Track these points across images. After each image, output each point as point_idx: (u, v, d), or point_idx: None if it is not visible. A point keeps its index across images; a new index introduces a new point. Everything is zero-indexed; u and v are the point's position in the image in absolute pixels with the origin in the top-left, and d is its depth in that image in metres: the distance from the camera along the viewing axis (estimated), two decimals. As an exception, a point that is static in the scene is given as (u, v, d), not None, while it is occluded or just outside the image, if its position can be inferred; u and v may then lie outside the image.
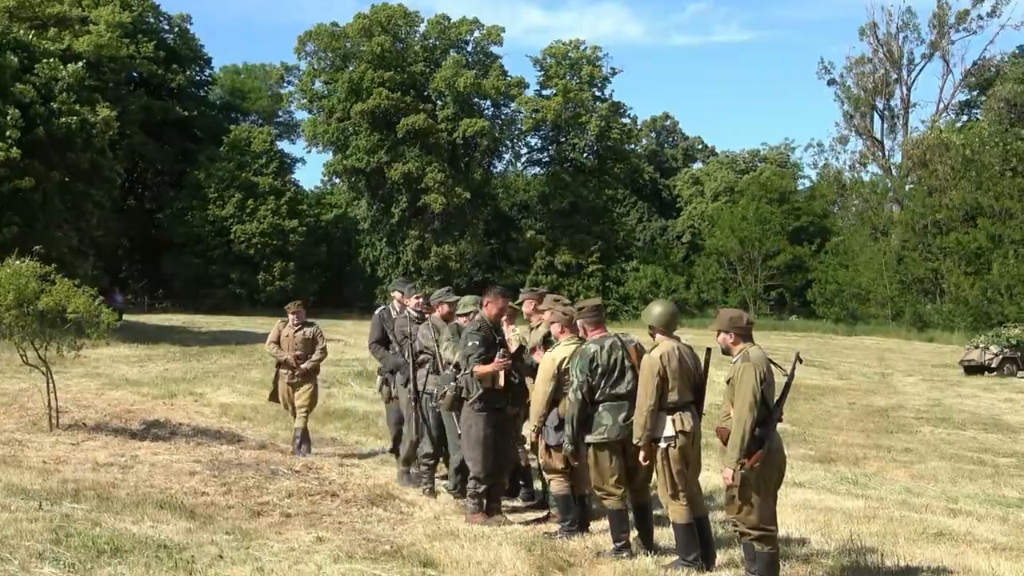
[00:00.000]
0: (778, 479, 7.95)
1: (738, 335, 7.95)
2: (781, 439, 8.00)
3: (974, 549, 9.82)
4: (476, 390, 9.86)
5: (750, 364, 7.73)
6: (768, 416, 7.70)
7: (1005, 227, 65.83)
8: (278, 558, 7.87)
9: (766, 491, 7.79)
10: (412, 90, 75.38)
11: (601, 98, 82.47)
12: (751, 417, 7.57)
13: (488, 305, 10.16)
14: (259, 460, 12.69)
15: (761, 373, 7.69)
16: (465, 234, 75.21)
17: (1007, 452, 19.31)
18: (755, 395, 7.60)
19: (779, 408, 7.84)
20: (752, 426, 7.57)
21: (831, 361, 41.45)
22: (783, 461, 8.00)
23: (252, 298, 66.82)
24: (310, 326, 14.90)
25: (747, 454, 7.57)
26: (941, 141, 72.31)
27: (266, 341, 15.30)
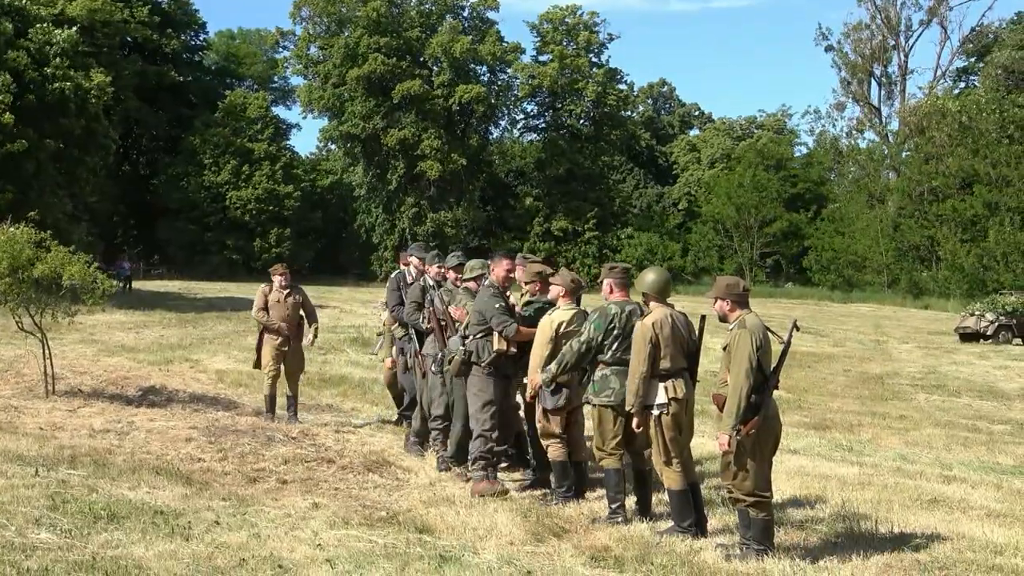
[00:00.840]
0: (774, 446, 8.00)
1: (735, 302, 7.97)
2: (777, 406, 8.03)
3: (968, 516, 9.85)
4: (488, 355, 9.72)
5: (746, 331, 7.75)
6: (764, 383, 7.73)
7: (1001, 194, 65.82)
8: (274, 524, 7.89)
9: (761, 458, 7.83)
10: (408, 56, 75.10)
11: (598, 64, 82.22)
12: (747, 384, 7.60)
13: (495, 270, 10.10)
14: (255, 426, 12.69)
15: (757, 340, 7.71)
16: (461, 201, 75.16)
17: (1002, 419, 19.37)
18: (751, 362, 7.63)
19: (775, 375, 7.87)
20: (748, 393, 7.61)
21: (827, 328, 41.49)
22: (779, 428, 8.04)
23: (248, 264, 66.69)
24: (297, 291, 14.44)
25: (743, 421, 7.61)
26: (938, 108, 72.21)
27: (253, 309, 14.53)
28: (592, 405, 9.06)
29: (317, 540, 7.46)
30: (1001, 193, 65.93)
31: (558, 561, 7.44)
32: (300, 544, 7.33)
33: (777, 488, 10.82)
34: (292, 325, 14.22)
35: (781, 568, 7.47)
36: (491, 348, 9.68)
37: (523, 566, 7.06)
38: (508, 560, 7.21)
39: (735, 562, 7.62)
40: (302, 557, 6.97)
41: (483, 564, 7.03)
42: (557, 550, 7.80)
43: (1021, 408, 21.22)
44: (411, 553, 7.23)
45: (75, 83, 37.72)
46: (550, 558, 7.54)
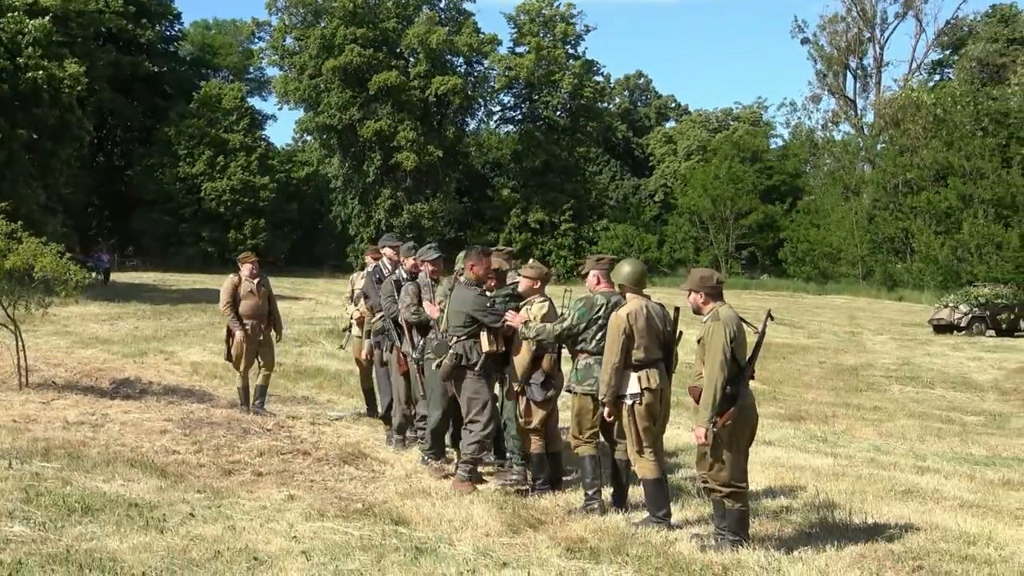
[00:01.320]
0: (749, 437, 8.04)
1: (708, 294, 7.99)
2: (753, 397, 8.08)
3: (941, 506, 9.91)
4: (477, 356, 9.54)
5: (720, 323, 7.78)
6: (739, 374, 7.77)
7: (975, 187, 66.13)
8: (249, 516, 7.88)
9: (737, 448, 7.87)
10: (384, 47, 74.91)
11: (575, 56, 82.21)
12: (722, 376, 7.64)
13: (474, 267, 9.83)
14: (230, 419, 12.66)
15: (731, 332, 7.74)
16: (438, 192, 75.07)
17: (975, 410, 19.49)
18: (725, 354, 7.67)
19: (750, 366, 7.91)
20: (723, 384, 7.64)
21: (802, 320, 41.65)
22: (755, 419, 8.09)
23: (223, 256, 66.41)
24: (265, 280, 14.13)
25: (719, 412, 7.65)
26: (913, 101, 72.52)
27: (221, 303, 13.93)
28: (574, 393, 9.17)
29: (292, 532, 7.46)
30: (975, 186, 66.24)
31: (534, 553, 7.45)
32: (275, 536, 7.32)
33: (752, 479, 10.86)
34: (263, 316, 13.99)
35: (756, 559, 7.49)
36: (479, 349, 9.53)
37: (499, 558, 7.07)
38: (484, 552, 7.22)
39: (710, 553, 7.65)
40: (277, 549, 6.96)
41: (459, 556, 7.03)
42: (533, 542, 7.81)
43: (994, 399, 21.37)
44: (387, 545, 7.23)
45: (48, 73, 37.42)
46: (526, 550, 7.55)
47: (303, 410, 14.69)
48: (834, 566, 7.42)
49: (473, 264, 9.82)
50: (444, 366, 9.69)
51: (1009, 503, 10.30)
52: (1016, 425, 17.85)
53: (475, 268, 9.81)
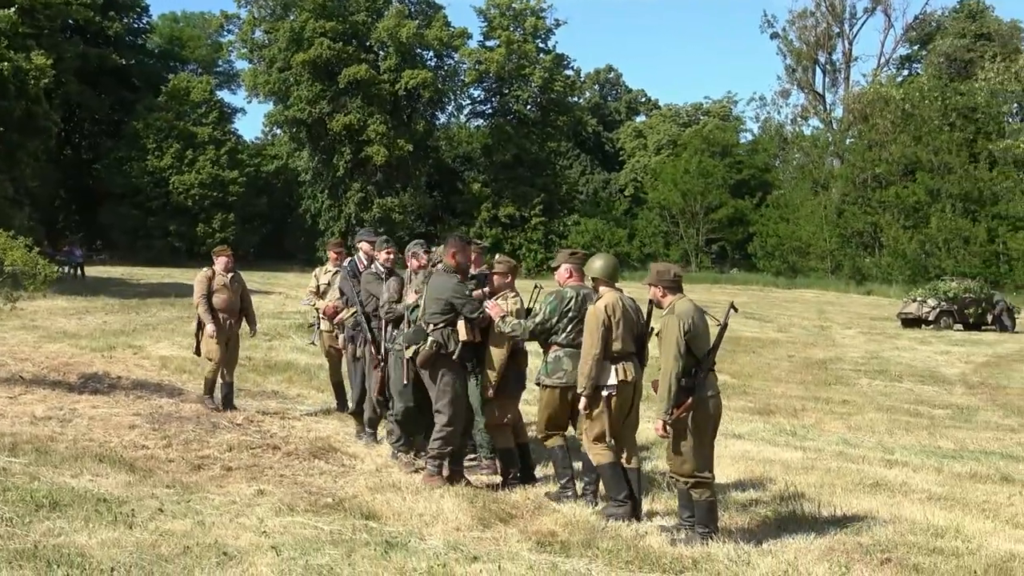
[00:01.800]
0: (714, 427, 8.10)
1: (667, 288, 8.15)
2: (717, 388, 8.14)
3: (909, 499, 9.98)
4: (455, 344, 9.34)
5: (674, 316, 7.92)
6: (697, 366, 7.86)
7: (943, 181, 66.70)
8: (219, 511, 7.86)
9: (700, 439, 7.93)
10: (354, 40, 74.64)
11: (545, 50, 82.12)
12: (676, 367, 7.76)
13: (456, 256, 9.65)
14: (199, 413, 12.62)
15: (686, 325, 7.85)
16: (408, 186, 74.90)
17: (942, 404, 19.61)
18: (679, 346, 7.78)
19: (710, 357, 7.98)
20: (678, 376, 7.76)
21: (771, 314, 41.82)
22: (718, 409, 8.13)
23: (191, 250, 66.09)
24: (238, 275, 14.02)
25: (675, 404, 7.75)
26: (881, 96, 72.99)
27: (196, 296, 13.57)
28: (543, 386, 9.20)
29: (262, 527, 7.44)
30: (943, 180, 66.80)
31: (504, 547, 7.46)
32: (245, 531, 7.30)
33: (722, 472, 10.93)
34: (236, 312, 13.85)
35: (725, 552, 7.53)
36: (457, 338, 9.35)
37: (469, 552, 7.08)
38: (454, 546, 7.23)
39: (680, 546, 7.68)
40: (247, 544, 6.95)
41: (429, 550, 7.04)
42: (503, 535, 7.83)
43: (962, 393, 21.50)
44: (357, 539, 7.23)
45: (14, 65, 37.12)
46: (496, 543, 7.56)
47: (273, 405, 14.62)
48: (803, 559, 7.47)
49: (455, 252, 9.65)
50: (423, 353, 9.43)
51: (976, 496, 10.38)
52: (983, 418, 17.97)
53: (456, 256, 9.63)
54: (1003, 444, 14.75)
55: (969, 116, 69.91)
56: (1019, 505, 9.96)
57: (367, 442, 11.55)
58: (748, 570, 7.15)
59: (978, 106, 69.69)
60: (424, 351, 9.40)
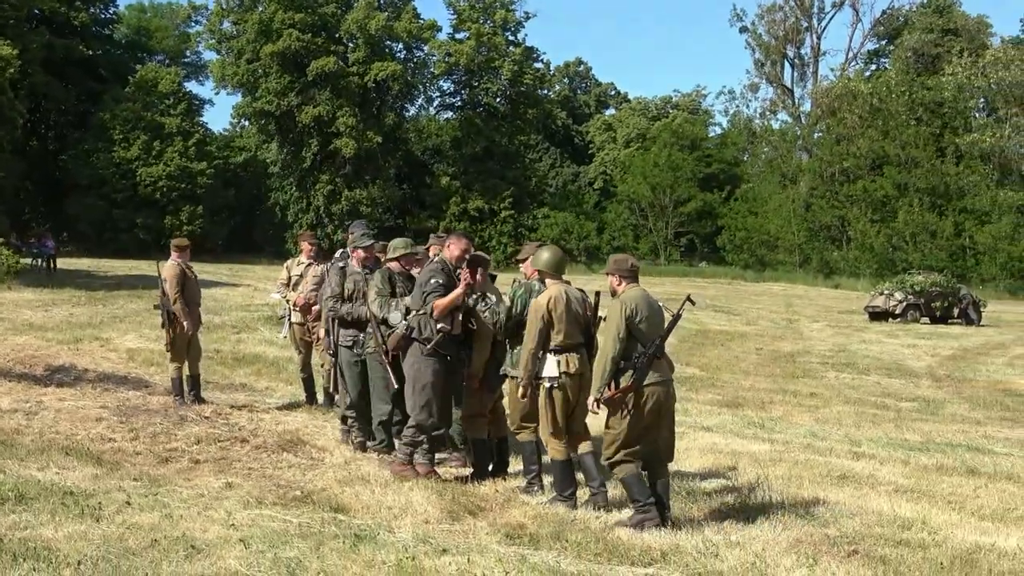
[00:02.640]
0: (656, 416, 8.18)
1: (623, 276, 8.30)
2: (669, 376, 8.28)
3: (876, 491, 10.03)
4: (430, 332, 9.22)
5: (619, 301, 8.12)
6: (642, 352, 8.02)
7: (910, 175, 67.16)
8: (187, 504, 7.82)
9: (634, 424, 8.08)
10: (323, 32, 74.33)
11: (514, 42, 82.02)
12: (613, 349, 7.95)
13: (451, 247, 9.54)
14: (167, 406, 12.57)
15: (628, 309, 8.03)
16: (377, 179, 74.69)
17: (909, 396, 19.73)
18: (619, 329, 7.98)
19: (656, 345, 8.09)
20: (614, 358, 7.95)
21: (739, 307, 41.98)
22: (665, 398, 8.22)
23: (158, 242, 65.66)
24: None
25: (609, 384, 7.98)
26: (850, 90, 73.36)
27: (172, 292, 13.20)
28: (512, 378, 9.29)
29: (231, 520, 7.41)
30: (910, 174, 67.27)
31: (473, 539, 7.47)
32: (213, 524, 7.28)
33: (690, 464, 11.01)
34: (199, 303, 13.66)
35: (694, 544, 7.56)
36: (434, 326, 9.23)
37: (438, 544, 7.08)
38: (423, 539, 7.22)
39: (647, 537, 7.70)
40: (215, 537, 6.92)
41: (398, 543, 7.03)
42: (472, 528, 7.83)
43: (928, 386, 21.64)
44: (326, 532, 7.21)
45: (-20, 56, 36.84)
46: (465, 536, 7.56)
47: (241, 397, 14.58)
48: (771, 550, 7.50)
49: (451, 244, 9.58)
50: (394, 337, 9.47)
51: (942, 488, 10.45)
52: (950, 411, 18.10)
53: (452, 247, 9.55)
54: (969, 437, 14.85)
55: (936, 111, 70.41)
56: (985, 497, 10.03)
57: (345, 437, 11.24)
58: (716, 562, 7.17)
59: (945, 101, 70.18)
60: (395, 335, 9.44)
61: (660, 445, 8.31)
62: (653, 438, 8.23)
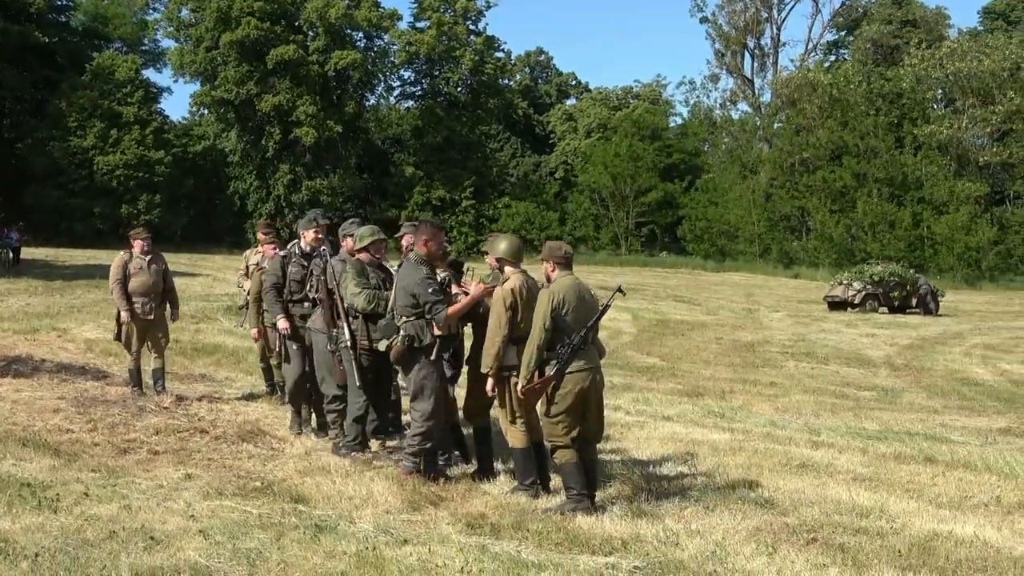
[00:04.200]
0: (584, 401, 8.36)
1: (557, 263, 8.47)
2: (597, 363, 8.47)
3: (835, 480, 10.11)
4: (431, 337, 8.81)
5: (547, 291, 8.27)
6: (566, 340, 8.19)
7: (869, 166, 67.60)
8: (146, 496, 7.79)
9: (567, 410, 8.28)
10: (283, 20, 73.94)
11: (476, 32, 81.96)
12: (539, 339, 8.14)
13: (429, 243, 9.06)
14: (125, 397, 12.49)
15: (556, 299, 8.21)
16: (337, 168, 74.45)
17: (868, 386, 19.88)
18: (545, 319, 8.15)
19: (582, 336, 8.25)
20: (539, 347, 8.15)
21: (700, 297, 42.16)
22: (590, 385, 8.38)
23: (116, 232, 65.14)
24: (159, 257, 13.49)
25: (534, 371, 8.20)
26: (809, 80, 73.69)
27: (111, 281, 13.16)
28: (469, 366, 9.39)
29: (190, 511, 7.39)
30: (869, 164, 67.70)
31: (434, 529, 7.47)
32: (172, 515, 7.25)
33: (651, 453, 11.06)
34: (156, 295, 13.28)
35: (654, 532, 7.60)
36: (432, 330, 8.82)
37: (399, 535, 7.08)
38: (384, 529, 7.23)
39: (607, 526, 7.75)
40: (175, 528, 6.89)
41: (359, 533, 7.03)
42: (434, 518, 7.84)
43: (886, 375, 21.81)
44: (286, 523, 7.20)
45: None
46: (426, 526, 7.57)
47: (200, 388, 14.51)
48: (731, 539, 7.55)
49: (427, 239, 9.08)
50: (395, 349, 8.94)
51: (900, 476, 10.54)
52: (907, 400, 18.26)
53: (429, 244, 9.07)
54: (927, 425, 14.99)
55: (895, 101, 70.94)
56: (942, 485, 10.12)
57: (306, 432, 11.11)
58: (676, 551, 7.21)
59: (903, 92, 70.72)
60: (396, 347, 8.94)
61: (589, 428, 8.50)
62: (584, 422, 8.43)
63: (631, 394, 16.72)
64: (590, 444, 8.56)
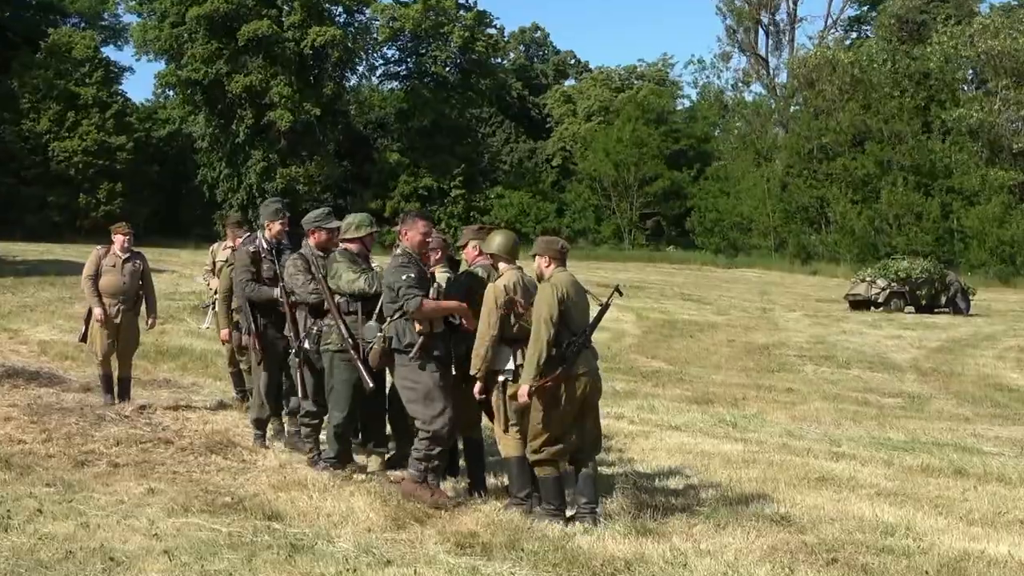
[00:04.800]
0: (580, 408, 8.44)
1: (552, 259, 8.55)
2: (594, 365, 8.54)
3: (857, 495, 10.11)
4: (411, 337, 8.66)
5: (549, 284, 8.35)
6: (571, 340, 8.26)
7: (894, 152, 67.51)
8: (105, 512, 7.77)
9: (559, 417, 8.32)
10: (255, -7, 73.91)
11: (465, 6, 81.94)
12: (547, 334, 8.16)
13: (408, 233, 9.00)
14: (83, 404, 12.47)
15: (560, 294, 8.28)
16: (315, 155, 74.34)
17: (893, 392, 19.89)
18: (552, 313, 8.18)
19: (586, 335, 8.39)
20: (548, 344, 8.16)
21: (710, 295, 42.17)
22: (591, 390, 8.50)
23: (73, 224, 65.13)
24: (138, 257, 13.26)
25: (543, 373, 8.17)
26: (828, 60, 73.65)
27: (83, 276, 13.15)
28: None
29: (153, 529, 7.38)
30: (894, 151, 67.62)
31: (420, 549, 7.46)
32: (134, 534, 7.24)
33: (657, 466, 11.05)
34: (129, 298, 13.12)
35: (660, 552, 7.59)
36: (413, 330, 8.70)
37: (382, 555, 7.07)
38: (366, 548, 7.22)
39: (609, 545, 7.74)
40: (136, 548, 6.88)
41: (338, 553, 7.02)
42: (419, 537, 7.82)
43: (913, 380, 21.83)
44: (258, 542, 7.19)
45: None
46: (412, 546, 7.55)
47: (165, 394, 14.47)
48: (744, 560, 7.54)
49: (406, 230, 9.05)
50: (374, 352, 8.91)
51: (928, 490, 10.55)
52: (936, 407, 18.27)
53: (408, 234, 9.03)
54: (957, 435, 15.00)
55: (922, 82, 70.83)
56: (973, 500, 10.14)
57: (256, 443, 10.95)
58: (685, 572, 7.20)
59: (931, 72, 70.59)
60: (375, 348, 8.90)
61: (586, 438, 8.57)
62: (579, 431, 8.49)
63: (635, 401, 16.72)
64: (589, 455, 8.61)
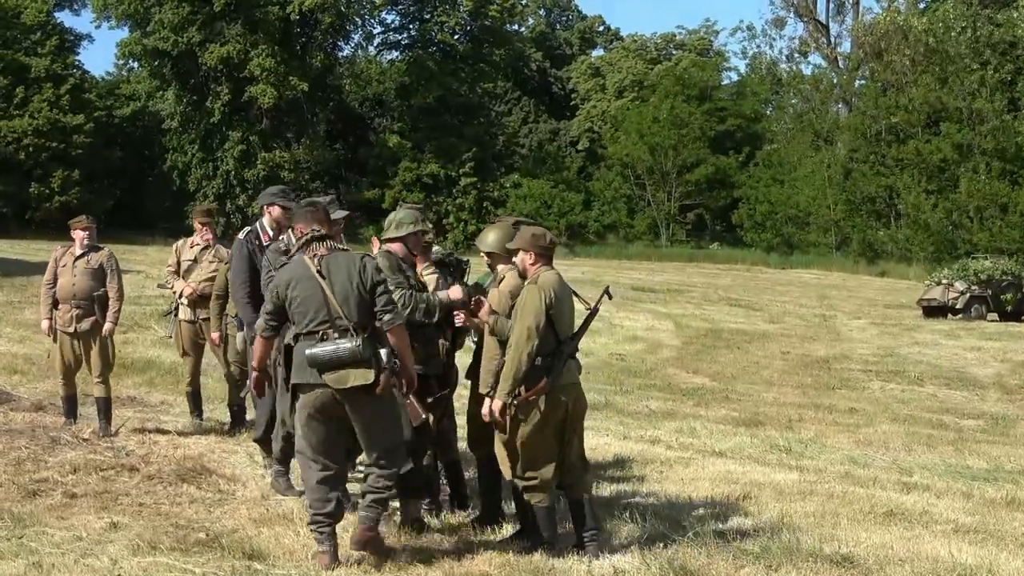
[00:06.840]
0: (564, 424, 8.49)
1: (538, 255, 8.54)
2: (577, 379, 8.59)
3: (931, 531, 10.11)
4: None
5: (536, 287, 8.32)
6: (557, 348, 8.31)
7: (975, 134, 67.27)
8: (60, 550, 7.82)
9: (542, 434, 8.36)
10: (233, -51, 74.10)
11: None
12: (529, 344, 8.15)
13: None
14: (35, 425, 12.52)
15: (548, 298, 8.27)
16: (303, 137, 74.40)
17: (973, 413, 19.86)
18: (537, 320, 8.18)
19: (574, 341, 8.48)
20: (531, 354, 8.16)
21: (761, 300, 42.14)
22: (576, 405, 8.58)
23: (21, 216, 65.33)
24: (97, 251, 13.02)
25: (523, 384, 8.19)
26: (899, 26, 73.40)
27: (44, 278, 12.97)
28: None
29: (116, 570, 7.42)
30: (975, 133, 67.39)
31: (424, 593, 7.49)
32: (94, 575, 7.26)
33: (699, 497, 11.06)
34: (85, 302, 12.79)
35: (703, 598, 7.60)
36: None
37: (380, 599, 7.10)
38: (361, 592, 7.25)
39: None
40: (96, 591, 6.92)
41: (329, 597, 7.05)
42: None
43: (996, 399, 21.79)
44: (237, 584, 7.22)
45: None
46: (414, 588, 7.58)
47: (129, 414, 14.50)
48: (799, 606, 7.55)
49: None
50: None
51: (1014, 527, 10.54)
52: (1023, 430, 18.24)
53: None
54: (1047, 463, 14.98)
55: (1007, 53, 70.59)
56: (1066, 539, 10.13)
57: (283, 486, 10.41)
58: (731, 621, 7.22)
59: (1018, 41, 70.36)
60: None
61: (573, 457, 8.63)
62: (565, 451, 8.54)
63: (673, 423, 16.72)
64: (581, 477, 8.71)
